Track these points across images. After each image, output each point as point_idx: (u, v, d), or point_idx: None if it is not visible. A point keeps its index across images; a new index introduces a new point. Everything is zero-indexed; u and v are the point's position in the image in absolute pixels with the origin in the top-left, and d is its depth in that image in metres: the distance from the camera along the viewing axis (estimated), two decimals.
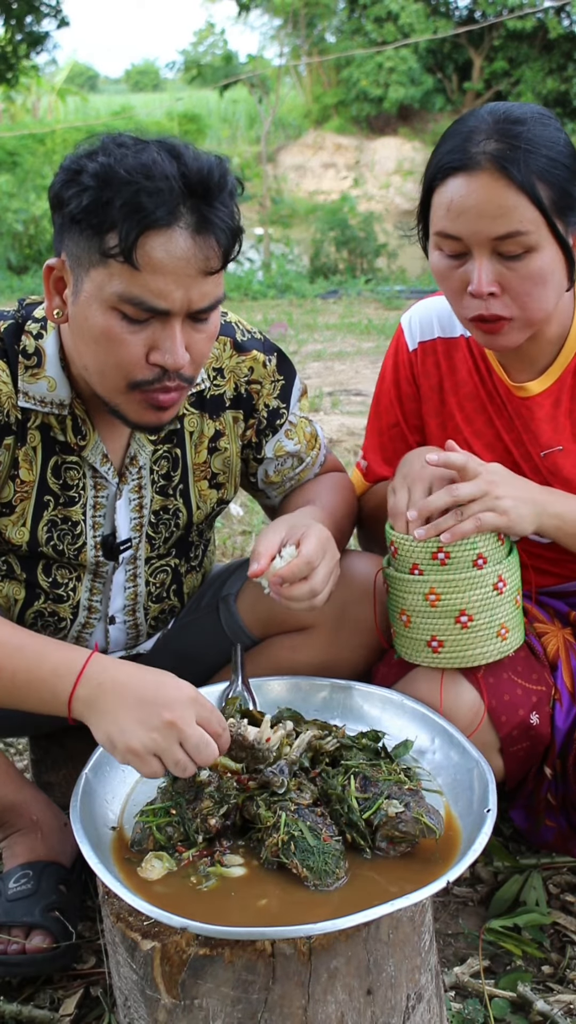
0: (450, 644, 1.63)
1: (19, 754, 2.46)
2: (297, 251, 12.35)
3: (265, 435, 1.81)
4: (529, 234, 1.57)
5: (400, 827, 1.33)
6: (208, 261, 1.42)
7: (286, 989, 1.22)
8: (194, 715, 1.36)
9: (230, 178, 1.44)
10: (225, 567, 2.04)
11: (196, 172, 1.39)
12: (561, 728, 1.76)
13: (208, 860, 1.34)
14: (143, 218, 1.36)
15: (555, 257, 1.61)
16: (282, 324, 8.42)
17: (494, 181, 1.56)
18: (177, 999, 1.23)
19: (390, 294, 10.09)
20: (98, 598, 1.79)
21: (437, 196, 1.63)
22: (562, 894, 1.92)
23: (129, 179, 1.36)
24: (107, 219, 1.38)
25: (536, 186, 1.56)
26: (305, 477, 1.91)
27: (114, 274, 1.40)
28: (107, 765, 1.51)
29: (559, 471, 1.80)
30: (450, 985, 1.68)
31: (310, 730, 1.53)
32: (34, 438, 1.63)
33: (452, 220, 1.60)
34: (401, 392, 1.96)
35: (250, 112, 22.71)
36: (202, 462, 1.78)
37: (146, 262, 1.38)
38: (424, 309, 1.94)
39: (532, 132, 1.58)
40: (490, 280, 1.60)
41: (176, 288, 1.41)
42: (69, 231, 1.44)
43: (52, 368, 1.60)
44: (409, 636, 1.66)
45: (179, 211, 1.38)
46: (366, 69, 22.27)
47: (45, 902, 1.70)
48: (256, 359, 1.77)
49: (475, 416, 1.88)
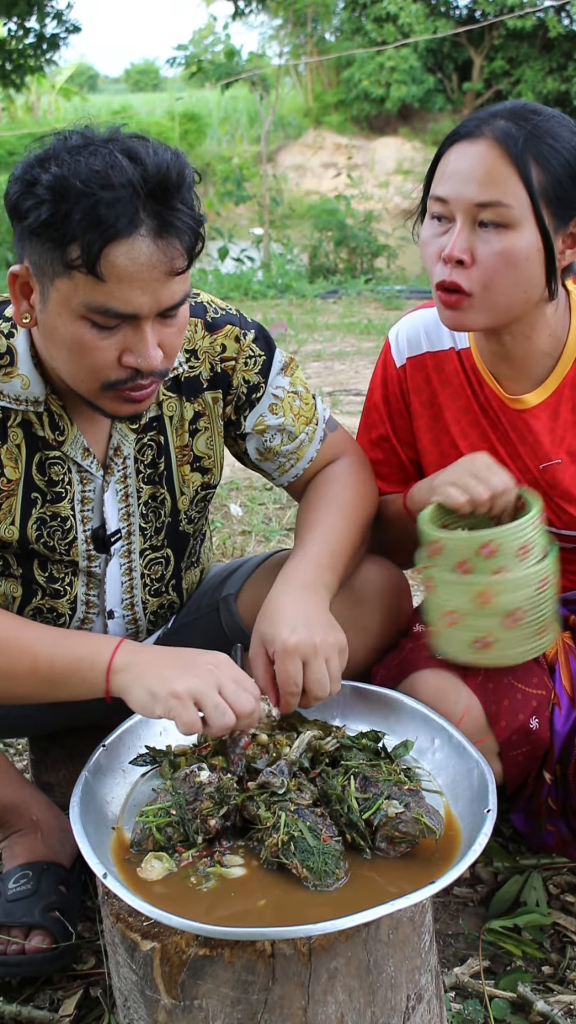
0: (497, 643, 1.61)
1: (19, 754, 2.46)
2: (296, 251, 12.34)
3: (243, 411, 1.79)
4: (510, 208, 1.58)
5: (400, 827, 1.33)
6: (173, 262, 1.40)
7: (286, 989, 1.21)
8: (231, 673, 1.44)
9: (188, 172, 1.42)
10: (225, 567, 2.04)
11: (154, 174, 1.36)
12: (560, 733, 1.75)
13: (208, 860, 1.34)
14: (104, 231, 1.35)
15: (532, 244, 1.60)
16: (282, 324, 8.42)
17: (490, 150, 1.59)
18: (177, 1000, 1.23)
19: (390, 294, 10.08)
20: (95, 592, 1.78)
21: (441, 162, 1.67)
22: (562, 894, 1.92)
23: (85, 190, 1.34)
24: (67, 232, 1.36)
25: (530, 166, 1.57)
26: (305, 455, 1.86)
27: (79, 285, 1.39)
28: (107, 765, 1.51)
29: (558, 484, 1.80)
30: (450, 985, 1.68)
31: (310, 730, 1.53)
32: (16, 435, 1.63)
33: (444, 182, 1.64)
34: (390, 408, 1.95)
35: (250, 111, 22.71)
36: (184, 445, 1.76)
37: (110, 272, 1.37)
38: (411, 323, 1.93)
39: (546, 123, 1.60)
40: (463, 247, 1.61)
41: (142, 294, 1.40)
42: (30, 241, 1.43)
43: (24, 366, 1.59)
44: (453, 635, 1.64)
45: (139, 217, 1.36)
46: (367, 69, 22.26)
47: (45, 902, 1.70)
48: (229, 334, 1.75)
49: (469, 430, 1.87)
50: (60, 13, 12.24)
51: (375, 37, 21.59)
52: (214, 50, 16.55)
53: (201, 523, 1.89)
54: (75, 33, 12.50)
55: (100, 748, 1.52)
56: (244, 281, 10.72)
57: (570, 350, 1.77)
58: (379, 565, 1.86)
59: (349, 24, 23.59)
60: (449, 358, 1.87)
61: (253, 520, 3.95)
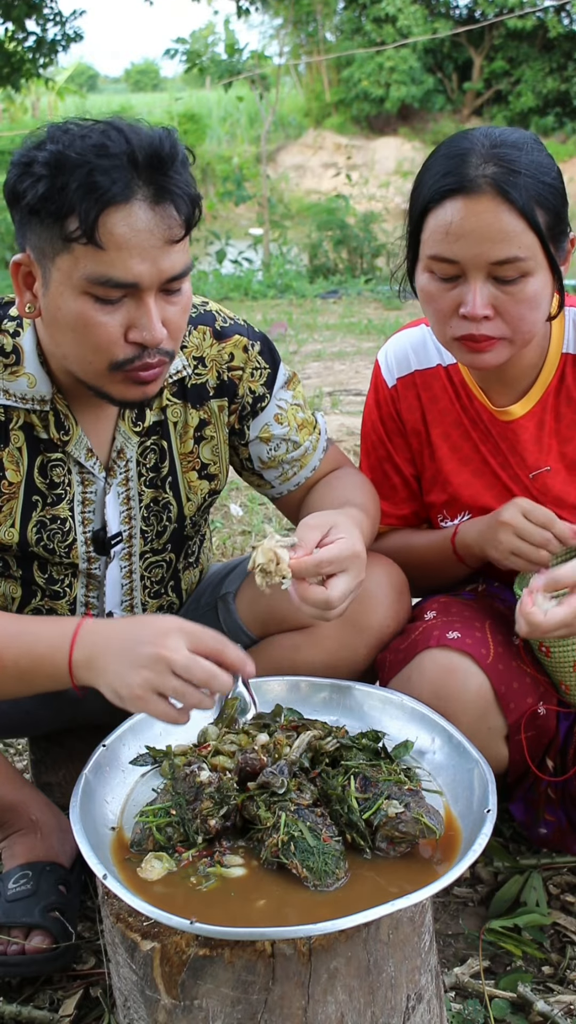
0: None
1: (19, 754, 2.46)
2: (296, 251, 12.34)
3: (246, 420, 1.80)
4: (527, 260, 1.58)
5: (400, 827, 1.33)
6: (171, 230, 1.42)
7: (286, 989, 1.21)
8: (182, 642, 1.34)
9: (180, 147, 1.44)
10: (224, 566, 2.04)
11: (147, 144, 1.39)
12: (564, 721, 1.77)
13: (208, 860, 1.34)
14: (100, 196, 1.36)
15: (547, 281, 1.63)
16: (282, 324, 8.42)
17: (496, 205, 1.56)
18: (177, 999, 1.23)
19: (390, 294, 10.06)
20: (94, 594, 1.79)
21: (433, 219, 1.62)
22: (562, 894, 1.92)
23: (81, 160, 1.37)
24: (64, 204, 1.38)
25: (535, 211, 1.57)
26: (308, 463, 1.87)
27: (79, 257, 1.40)
28: (107, 765, 1.50)
29: (549, 491, 1.82)
30: (450, 985, 1.68)
31: (310, 730, 1.53)
32: (18, 438, 1.63)
33: (451, 243, 1.60)
34: (387, 428, 1.97)
35: (250, 111, 22.69)
36: (189, 452, 1.77)
37: (109, 239, 1.39)
38: (398, 344, 1.95)
39: (529, 157, 1.59)
40: (485, 303, 1.61)
41: (142, 261, 1.41)
42: (29, 224, 1.44)
43: (31, 365, 1.60)
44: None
45: (134, 185, 1.39)
46: (367, 70, 22.27)
47: (45, 903, 1.70)
48: (237, 344, 1.76)
49: (461, 443, 1.89)
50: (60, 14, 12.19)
51: (375, 37, 21.60)
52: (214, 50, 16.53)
53: (201, 524, 1.90)
54: (77, 42, 12.44)
55: (100, 748, 1.51)
56: (244, 281, 10.72)
57: (552, 357, 1.80)
58: (380, 564, 1.86)
59: (349, 24, 23.60)
60: (437, 375, 1.90)
61: (253, 520, 3.95)
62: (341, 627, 1.81)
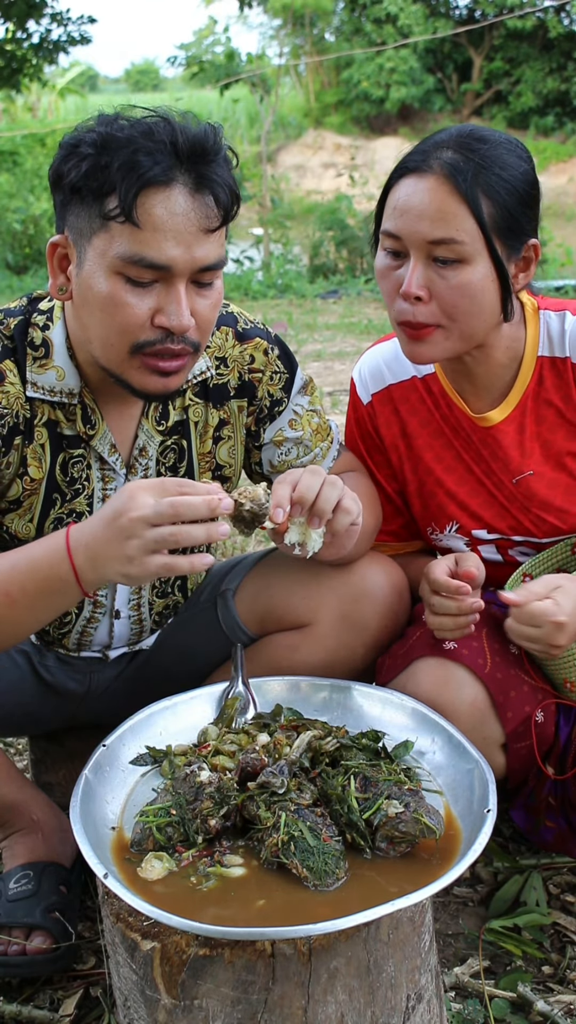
0: None
1: (19, 754, 2.46)
2: (297, 251, 12.34)
3: (263, 423, 1.81)
4: (464, 244, 1.60)
5: (400, 827, 1.33)
6: (208, 219, 1.44)
7: (286, 989, 1.21)
8: (147, 497, 1.35)
9: (224, 144, 1.47)
10: (224, 563, 2.04)
11: (192, 135, 1.42)
12: (564, 727, 1.76)
13: (208, 860, 1.34)
14: (141, 175, 1.39)
15: (487, 275, 1.63)
16: (282, 324, 8.42)
17: (440, 186, 1.60)
18: (177, 999, 1.23)
19: None
20: (103, 593, 1.79)
21: (391, 195, 1.67)
22: (562, 894, 1.92)
23: (126, 141, 1.39)
24: (106, 182, 1.40)
25: (480, 200, 1.59)
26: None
27: (115, 236, 1.42)
28: (107, 765, 1.51)
29: (534, 495, 1.82)
30: (450, 985, 1.68)
31: (310, 730, 1.53)
32: (41, 435, 1.64)
33: (395, 218, 1.65)
34: (366, 446, 1.98)
35: (250, 112, 22.70)
36: (207, 452, 1.78)
37: (146, 220, 1.41)
38: (371, 359, 1.96)
39: (492, 151, 1.62)
40: (420, 283, 1.63)
41: (177, 245, 1.42)
42: (71, 204, 1.46)
43: (60, 358, 1.61)
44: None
45: (176, 170, 1.41)
46: (367, 71, 22.27)
47: (46, 903, 1.70)
48: (258, 346, 1.77)
49: (444, 453, 1.89)
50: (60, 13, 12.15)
51: (375, 38, 21.60)
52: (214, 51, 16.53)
53: None
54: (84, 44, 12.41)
55: (100, 748, 1.51)
56: (244, 281, 10.72)
57: (528, 361, 1.80)
58: (379, 562, 1.86)
59: (349, 25, 23.59)
60: (413, 387, 1.90)
61: None
62: (339, 626, 1.82)
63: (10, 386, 1.60)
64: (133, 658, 1.96)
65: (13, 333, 1.61)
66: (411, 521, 2.01)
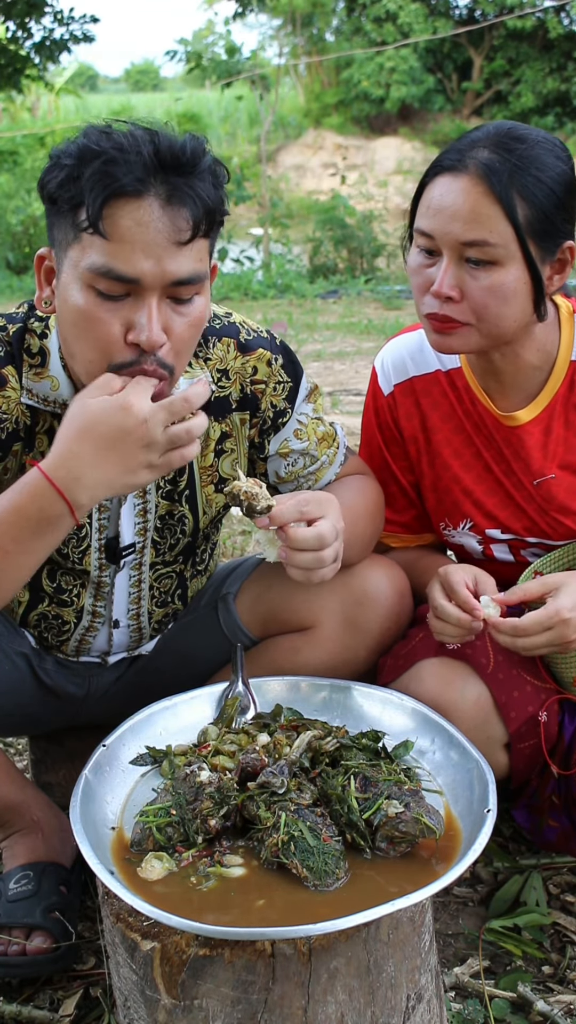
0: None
1: (19, 754, 2.46)
2: (296, 251, 12.34)
3: (267, 435, 1.78)
4: (496, 247, 1.58)
5: (400, 827, 1.33)
6: (179, 232, 1.39)
7: (286, 989, 1.21)
8: (142, 401, 1.37)
9: (207, 156, 1.43)
10: (224, 567, 2.04)
11: (168, 147, 1.39)
12: (568, 727, 1.76)
13: (208, 860, 1.34)
14: (108, 185, 1.36)
15: (520, 278, 1.61)
16: (282, 324, 8.42)
17: (474, 186, 1.58)
18: (177, 999, 1.23)
19: (390, 294, 10.07)
20: (102, 603, 1.78)
21: (425, 194, 1.66)
22: (562, 894, 1.92)
23: (100, 151, 1.37)
24: (78, 192, 1.38)
25: (515, 201, 1.57)
26: (323, 477, 1.86)
27: (86, 248, 1.40)
28: (107, 765, 1.51)
29: (553, 499, 1.81)
30: (450, 985, 1.68)
31: (310, 730, 1.53)
32: (42, 443, 1.63)
33: (428, 218, 1.63)
34: (384, 437, 1.96)
35: (250, 111, 22.69)
36: (208, 465, 1.76)
37: (113, 231, 1.37)
38: (395, 349, 1.94)
39: (530, 151, 1.59)
40: (451, 284, 1.62)
41: (145, 257, 1.38)
42: (54, 216, 1.45)
43: (55, 368, 1.60)
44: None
45: (149, 182, 1.38)
46: (367, 70, 22.25)
47: (46, 903, 1.70)
48: (261, 357, 1.73)
49: (463, 449, 1.88)
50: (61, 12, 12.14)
51: (375, 37, 21.58)
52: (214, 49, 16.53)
53: (212, 534, 1.89)
54: (87, 43, 12.37)
55: (100, 748, 1.51)
56: (244, 281, 10.72)
57: (561, 364, 1.78)
58: (381, 565, 1.86)
59: (349, 24, 23.58)
60: (436, 380, 1.88)
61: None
62: (342, 628, 1.81)
63: (11, 391, 1.59)
64: (133, 662, 1.96)
65: (12, 339, 1.60)
66: (424, 515, 2.00)
